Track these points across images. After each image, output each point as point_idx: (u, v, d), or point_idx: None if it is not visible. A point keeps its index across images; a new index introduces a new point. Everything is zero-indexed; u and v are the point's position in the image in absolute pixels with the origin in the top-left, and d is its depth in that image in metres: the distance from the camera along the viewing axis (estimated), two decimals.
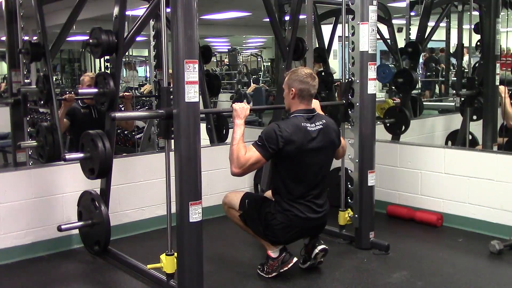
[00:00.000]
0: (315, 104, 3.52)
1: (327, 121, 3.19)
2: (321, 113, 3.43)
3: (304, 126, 3.05)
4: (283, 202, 3.07)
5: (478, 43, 6.03)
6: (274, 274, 3.13)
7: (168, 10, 2.68)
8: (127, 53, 5.15)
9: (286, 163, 3.05)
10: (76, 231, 3.61)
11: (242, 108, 3.13)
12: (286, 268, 3.12)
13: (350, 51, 3.60)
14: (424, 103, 7.75)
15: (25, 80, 4.44)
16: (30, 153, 4.27)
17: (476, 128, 5.24)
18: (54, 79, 5.35)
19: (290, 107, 3.16)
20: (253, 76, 13.34)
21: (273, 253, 3.14)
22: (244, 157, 2.94)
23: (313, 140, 3.06)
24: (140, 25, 3.29)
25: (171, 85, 2.73)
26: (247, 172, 3.02)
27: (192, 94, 2.64)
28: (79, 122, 4.37)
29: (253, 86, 10.77)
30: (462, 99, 5.58)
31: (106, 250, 3.42)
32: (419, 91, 7.21)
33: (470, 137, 5.32)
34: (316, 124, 3.11)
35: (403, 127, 5.22)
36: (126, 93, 5.12)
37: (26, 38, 4.34)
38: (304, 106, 3.11)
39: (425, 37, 5.58)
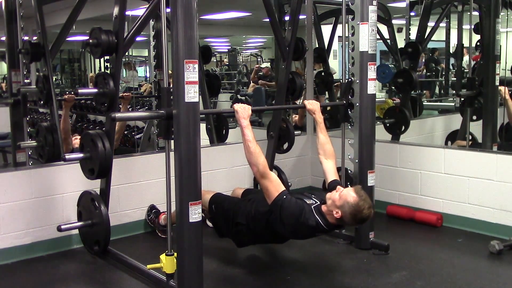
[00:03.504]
0: (315, 105, 3.54)
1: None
2: (320, 115, 3.45)
3: (311, 235, 3.11)
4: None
5: (478, 43, 6.03)
6: None
7: (168, 10, 2.68)
8: (127, 53, 5.17)
9: (274, 227, 3.06)
10: (76, 231, 3.61)
11: (244, 109, 3.15)
12: None
13: (350, 51, 3.60)
14: (424, 103, 7.76)
15: (25, 80, 4.43)
16: (30, 153, 4.27)
17: (476, 128, 5.24)
18: (54, 79, 5.34)
19: (327, 207, 3.01)
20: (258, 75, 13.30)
21: None
22: (261, 162, 2.99)
23: (303, 238, 3.26)
24: (140, 25, 3.29)
25: (171, 85, 2.73)
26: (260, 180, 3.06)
27: (192, 94, 2.64)
28: None
29: (252, 85, 10.77)
30: (462, 99, 5.58)
31: (106, 250, 3.42)
32: (419, 91, 7.19)
33: (470, 137, 5.32)
34: (325, 234, 3.30)
35: (403, 127, 5.22)
36: (125, 94, 5.12)
37: (26, 38, 4.33)
38: (333, 223, 3.00)
39: (425, 37, 5.58)
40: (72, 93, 5.11)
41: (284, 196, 2.96)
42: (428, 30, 5.62)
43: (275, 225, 3.02)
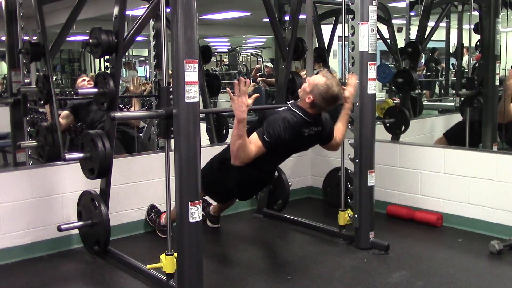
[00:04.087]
0: (354, 92, 3.55)
1: (323, 126, 3.33)
2: (351, 106, 3.52)
3: (301, 131, 3.21)
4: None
5: (478, 43, 6.03)
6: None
7: (168, 10, 2.68)
8: (127, 53, 5.17)
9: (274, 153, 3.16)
10: (76, 231, 3.61)
11: (241, 100, 2.91)
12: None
13: (350, 51, 3.60)
14: (424, 103, 7.76)
15: (25, 80, 4.43)
16: (30, 153, 4.27)
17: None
18: (54, 79, 5.34)
19: (300, 98, 3.23)
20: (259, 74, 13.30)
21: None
22: (251, 153, 2.99)
23: (301, 142, 3.28)
24: (140, 25, 3.29)
25: (171, 85, 2.73)
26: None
27: (192, 94, 2.64)
28: None
29: (253, 85, 10.76)
30: (462, 99, 5.58)
31: (106, 250, 3.42)
32: (419, 91, 7.21)
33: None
34: (311, 129, 3.26)
35: (403, 127, 5.22)
36: (131, 88, 5.17)
37: (26, 38, 4.33)
38: (311, 112, 3.20)
39: (425, 37, 5.58)
40: (72, 92, 5.12)
41: (264, 134, 3.05)
42: (428, 30, 5.62)
43: (277, 149, 3.11)
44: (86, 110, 4.75)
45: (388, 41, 6.15)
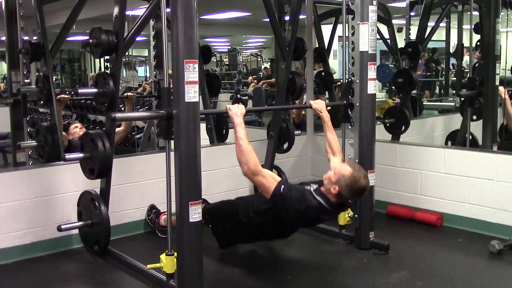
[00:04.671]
0: (321, 104, 3.56)
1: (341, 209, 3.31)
2: (327, 113, 3.51)
3: (320, 218, 3.17)
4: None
5: (478, 43, 6.03)
6: None
7: (168, 10, 2.68)
8: (127, 53, 5.16)
9: (276, 216, 3.09)
10: (76, 231, 3.61)
11: (237, 107, 3.13)
12: None
13: (350, 51, 3.60)
14: (424, 103, 7.76)
15: (25, 80, 4.43)
16: (30, 153, 4.27)
17: (476, 128, 5.24)
18: (54, 79, 5.34)
19: (324, 186, 3.08)
20: (253, 76, 13.31)
21: None
22: (253, 162, 2.97)
23: (311, 225, 3.38)
24: (140, 25, 3.29)
25: (171, 85, 2.73)
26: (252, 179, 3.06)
27: (192, 94, 2.64)
28: None
29: (253, 84, 10.79)
30: (462, 99, 5.58)
31: (106, 250, 3.42)
32: (419, 90, 7.22)
33: (470, 137, 5.31)
34: (331, 216, 3.24)
35: (403, 127, 5.22)
36: (129, 93, 5.15)
37: (26, 38, 4.33)
38: (335, 201, 3.06)
39: (425, 37, 5.58)
40: (72, 92, 5.11)
41: (283, 186, 2.99)
42: (428, 30, 5.62)
43: (279, 214, 3.05)
44: None
45: (388, 41, 6.15)
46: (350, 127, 3.68)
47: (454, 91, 7.92)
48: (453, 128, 5.73)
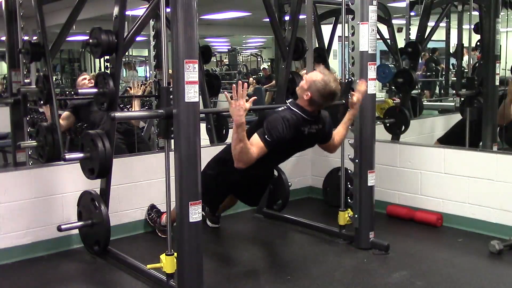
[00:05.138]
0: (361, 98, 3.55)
1: (323, 125, 3.32)
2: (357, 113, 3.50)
3: (301, 130, 3.19)
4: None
5: (478, 43, 6.03)
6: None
7: (168, 10, 2.68)
8: (127, 53, 5.16)
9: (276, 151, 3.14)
10: (76, 231, 3.61)
11: (239, 104, 2.86)
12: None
13: (350, 51, 3.60)
14: (424, 103, 7.76)
15: (25, 80, 4.43)
16: (30, 153, 4.27)
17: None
18: (54, 79, 5.34)
19: (298, 96, 3.22)
20: (253, 76, 13.33)
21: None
22: (253, 154, 2.97)
23: (301, 141, 3.27)
24: (140, 25, 3.29)
25: (171, 85, 2.73)
26: None
27: (192, 94, 2.64)
28: None
29: (253, 82, 10.80)
30: (462, 99, 5.58)
31: (106, 250, 3.42)
32: (419, 90, 7.24)
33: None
34: (312, 127, 3.25)
35: (403, 127, 5.22)
36: (132, 91, 5.17)
37: (26, 38, 4.33)
38: (310, 109, 3.19)
39: (425, 37, 5.58)
40: (72, 92, 5.12)
41: (265, 135, 3.03)
42: (428, 30, 5.62)
43: (278, 147, 3.09)
44: (87, 110, 4.75)
45: (388, 41, 6.15)
46: (350, 127, 3.68)
47: (454, 91, 7.91)
48: None
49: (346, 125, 3.50)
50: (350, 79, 3.64)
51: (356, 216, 3.63)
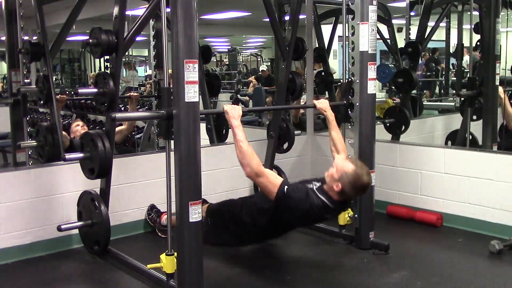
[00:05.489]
0: (325, 103, 3.56)
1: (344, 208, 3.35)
2: (331, 112, 3.52)
3: (324, 217, 3.17)
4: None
5: (478, 43, 6.03)
6: None
7: (168, 10, 2.68)
8: (127, 53, 5.17)
9: (281, 216, 3.09)
10: (76, 231, 3.61)
11: (234, 109, 3.12)
12: None
13: (350, 51, 3.60)
14: (424, 103, 7.76)
15: (25, 80, 4.43)
16: (30, 153, 4.27)
17: (476, 128, 5.24)
18: (54, 79, 5.34)
19: (327, 184, 3.07)
20: (253, 76, 13.32)
21: None
22: (255, 162, 2.97)
23: (314, 222, 3.38)
24: (140, 25, 3.29)
25: (171, 85, 2.73)
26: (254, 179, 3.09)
27: (192, 94, 2.64)
28: None
29: (253, 82, 10.77)
30: (462, 99, 5.58)
31: (106, 250, 3.42)
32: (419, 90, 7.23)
33: (470, 137, 5.31)
34: (335, 214, 3.30)
35: (403, 127, 5.22)
36: (133, 93, 5.15)
37: (26, 38, 4.33)
38: (337, 199, 3.05)
39: (425, 37, 5.58)
40: (72, 92, 5.12)
41: (286, 186, 2.99)
42: (428, 30, 5.62)
43: (282, 214, 3.05)
44: None
45: (388, 41, 6.15)
46: (350, 127, 3.68)
47: (454, 91, 7.91)
48: (453, 128, 5.73)
49: (336, 128, 3.51)
50: (350, 79, 3.64)
51: (356, 216, 3.63)
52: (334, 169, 3.06)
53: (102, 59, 9.70)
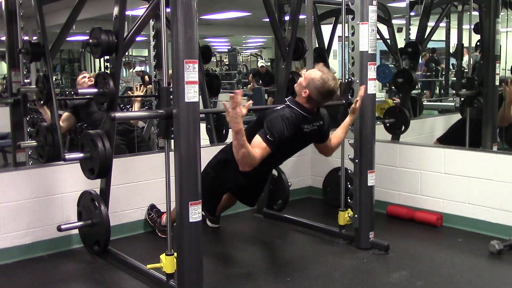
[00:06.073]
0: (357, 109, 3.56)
1: (323, 123, 3.33)
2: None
3: (301, 127, 3.19)
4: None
5: (478, 43, 6.03)
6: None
7: (168, 10, 2.68)
8: (127, 53, 5.16)
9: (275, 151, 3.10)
10: (76, 231, 3.61)
11: (236, 112, 2.78)
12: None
13: (350, 51, 3.60)
14: (424, 103, 7.76)
15: (25, 80, 4.43)
16: (30, 153, 4.27)
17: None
18: (54, 79, 5.34)
19: (297, 94, 3.23)
20: (251, 74, 13.31)
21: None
22: (256, 156, 2.96)
23: (303, 138, 3.27)
24: (140, 25, 3.29)
25: (171, 85, 2.73)
26: None
27: (192, 94, 2.64)
28: None
29: (252, 83, 10.78)
30: (462, 99, 5.58)
31: (106, 250, 3.42)
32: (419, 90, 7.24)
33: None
34: (313, 124, 3.26)
35: (403, 127, 5.22)
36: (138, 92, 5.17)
37: (26, 38, 4.34)
38: (309, 107, 3.20)
39: (425, 37, 5.58)
40: (72, 92, 5.13)
41: (266, 135, 3.02)
42: (428, 30, 5.62)
43: (276, 148, 3.07)
44: (87, 110, 4.75)
45: (388, 41, 6.15)
46: (350, 127, 3.68)
47: (454, 91, 7.92)
48: None
49: (345, 129, 3.50)
50: (350, 79, 3.64)
51: (356, 216, 3.63)
52: (302, 77, 3.20)
53: (102, 59, 9.70)
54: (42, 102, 4.13)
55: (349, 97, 3.66)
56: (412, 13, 6.09)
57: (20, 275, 3.26)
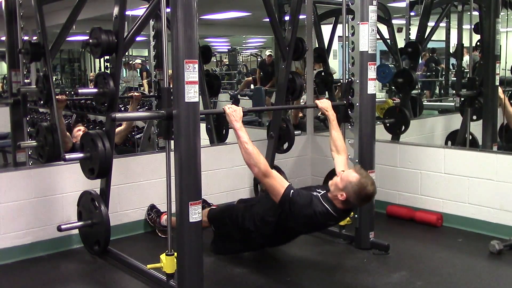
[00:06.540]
0: (327, 103, 3.57)
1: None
2: (333, 112, 3.53)
3: (327, 225, 3.26)
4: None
5: (478, 43, 6.03)
6: None
7: (168, 10, 2.68)
8: (127, 53, 5.16)
9: (286, 223, 3.11)
10: (76, 231, 3.61)
11: (235, 111, 3.11)
12: None
13: (350, 51, 3.60)
14: (424, 103, 7.76)
15: (25, 80, 4.43)
16: (30, 153, 4.27)
17: (476, 128, 5.24)
18: (54, 79, 5.34)
19: (331, 193, 3.11)
20: (253, 76, 13.31)
21: None
22: (272, 173, 2.99)
23: (316, 230, 3.38)
24: (140, 25, 3.29)
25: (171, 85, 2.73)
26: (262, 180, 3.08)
27: (192, 94, 2.64)
28: None
29: (245, 82, 10.76)
30: (462, 99, 5.58)
31: (106, 250, 3.42)
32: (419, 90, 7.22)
33: (470, 137, 5.32)
34: (337, 222, 3.29)
35: (403, 127, 5.22)
36: (135, 93, 5.15)
37: (26, 38, 4.33)
38: (341, 207, 3.09)
39: (425, 37, 5.58)
40: (72, 92, 5.12)
41: (292, 190, 3.00)
42: (428, 30, 5.62)
43: (286, 221, 3.07)
44: None
45: (388, 41, 6.15)
46: (350, 127, 3.69)
47: (454, 91, 7.91)
48: (453, 128, 5.73)
49: (337, 127, 3.53)
50: (350, 79, 3.64)
51: (356, 216, 3.63)
52: (339, 178, 3.08)
53: (102, 59, 9.69)
54: (42, 102, 4.11)
55: (349, 97, 3.65)
56: (412, 13, 6.09)
57: (20, 275, 3.26)
